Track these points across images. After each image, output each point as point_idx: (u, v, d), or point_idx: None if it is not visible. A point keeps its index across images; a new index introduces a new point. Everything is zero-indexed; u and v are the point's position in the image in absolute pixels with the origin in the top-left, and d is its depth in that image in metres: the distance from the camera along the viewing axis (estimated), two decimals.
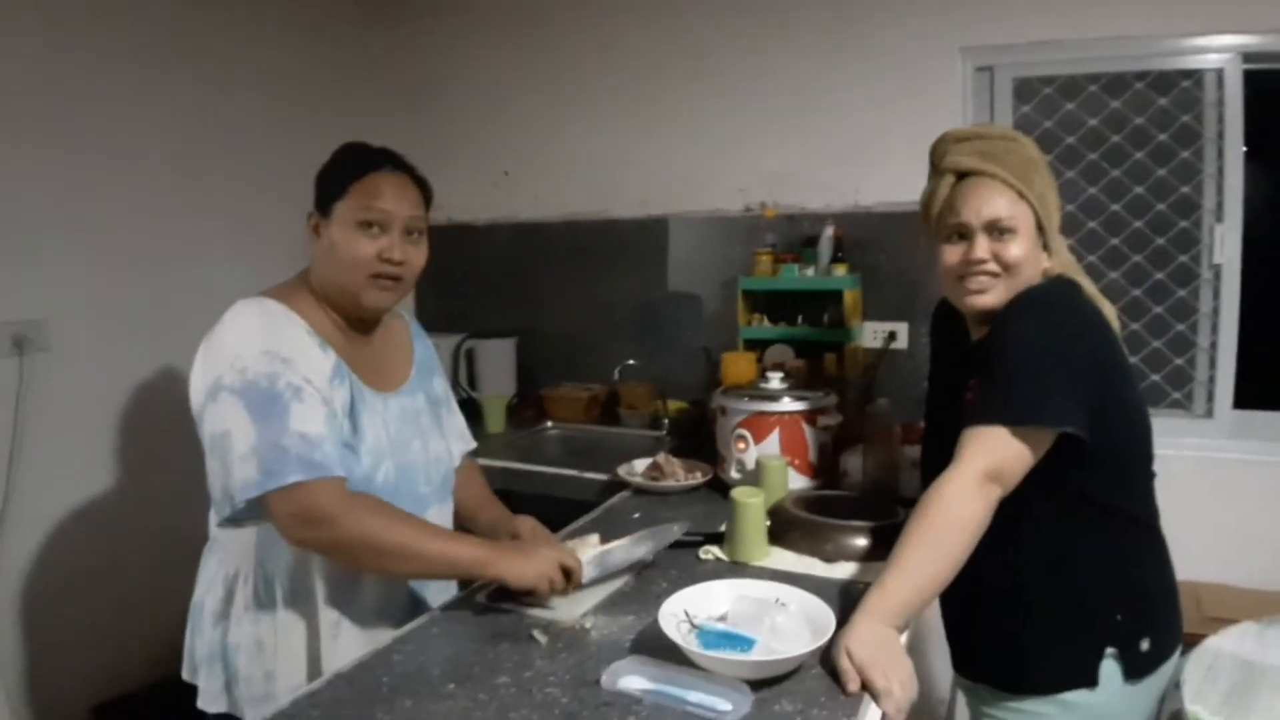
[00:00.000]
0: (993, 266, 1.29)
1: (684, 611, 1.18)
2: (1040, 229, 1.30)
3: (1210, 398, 2.32)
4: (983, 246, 1.29)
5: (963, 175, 1.33)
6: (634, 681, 1.06)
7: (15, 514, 2.04)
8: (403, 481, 1.35)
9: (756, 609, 1.16)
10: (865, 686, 1.04)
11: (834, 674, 1.08)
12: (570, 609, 1.29)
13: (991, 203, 1.28)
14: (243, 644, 1.29)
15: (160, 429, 2.26)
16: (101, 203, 2.20)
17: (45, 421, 2.08)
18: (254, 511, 1.21)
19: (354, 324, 1.36)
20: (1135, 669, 1.24)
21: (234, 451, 1.16)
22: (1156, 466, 1.33)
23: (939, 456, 1.25)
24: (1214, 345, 2.30)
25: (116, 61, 2.23)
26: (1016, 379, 1.18)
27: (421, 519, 1.27)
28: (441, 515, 1.46)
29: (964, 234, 1.31)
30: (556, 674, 1.11)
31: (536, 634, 1.22)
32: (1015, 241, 1.28)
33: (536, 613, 1.29)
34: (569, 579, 1.28)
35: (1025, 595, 1.28)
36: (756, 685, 1.03)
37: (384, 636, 1.27)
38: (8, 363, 2.01)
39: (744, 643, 1.11)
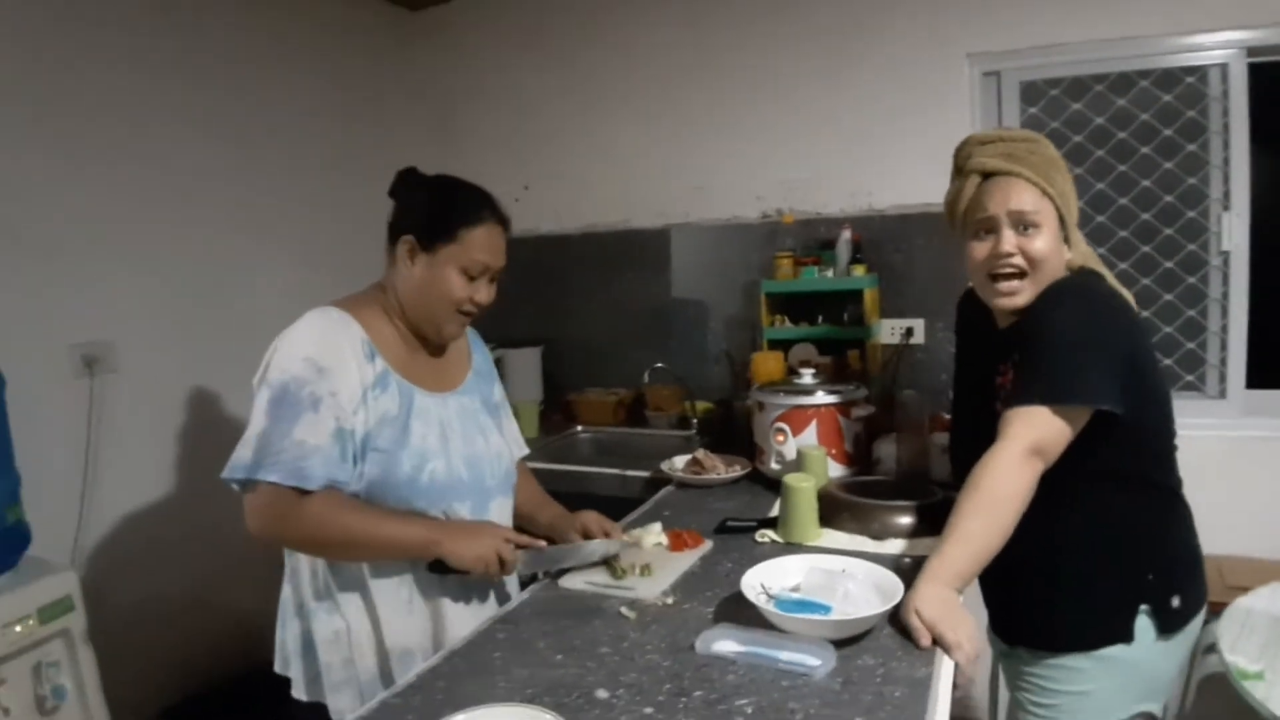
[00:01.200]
0: (1019, 260, 1.38)
1: (760, 584, 1.30)
2: (1062, 224, 1.40)
3: (1223, 379, 2.42)
4: (1009, 240, 1.38)
5: (988, 175, 1.43)
6: (726, 645, 1.17)
7: (90, 526, 2.14)
8: (471, 473, 1.46)
9: (827, 579, 1.28)
10: (936, 641, 1.16)
11: (904, 633, 1.19)
12: (650, 588, 1.40)
13: (1017, 198, 1.38)
14: (323, 633, 1.39)
15: (223, 443, 2.32)
16: (163, 225, 2.31)
17: (116, 439, 2.18)
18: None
19: (422, 339, 1.48)
20: (1167, 624, 1.35)
21: (247, 432, 1.30)
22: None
23: (971, 438, 1.37)
24: (1224, 328, 2.40)
25: (174, 89, 2.35)
26: (1055, 362, 1.30)
27: (375, 508, 1.34)
28: (504, 508, 1.56)
29: (991, 229, 1.41)
30: (652, 643, 1.22)
31: (625, 610, 1.33)
32: (1040, 235, 1.38)
33: (621, 593, 1.40)
34: (504, 567, 1.36)
35: (1063, 560, 1.39)
36: (837, 645, 1.14)
37: (457, 611, 1.42)
38: (80, 384, 2.11)
39: (820, 608, 1.22)
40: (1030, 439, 1.27)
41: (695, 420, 2.80)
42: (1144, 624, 1.35)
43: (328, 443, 1.30)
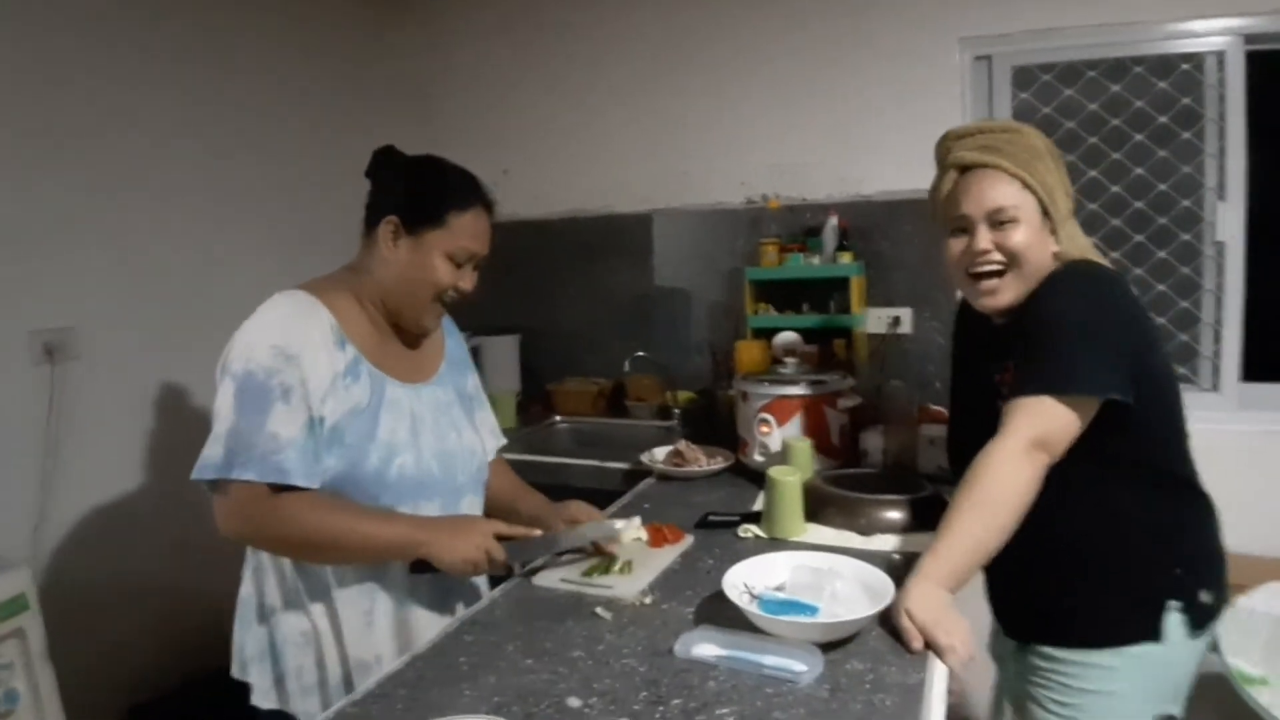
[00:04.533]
0: (996, 256, 1.34)
1: (744, 583, 1.23)
2: (1046, 215, 1.34)
3: (1216, 372, 2.38)
4: (984, 237, 1.34)
5: (966, 169, 1.38)
6: (707, 649, 1.10)
7: (50, 519, 2.05)
8: (442, 469, 1.39)
9: (814, 578, 1.22)
10: (928, 644, 1.10)
11: (895, 635, 1.13)
12: (628, 586, 1.33)
13: (992, 193, 1.33)
14: (291, 637, 1.32)
15: (191, 434, 2.22)
16: (128, 211, 2.21)
17: (77, 428, 2.09)
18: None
19: (394, 325, 1.40)
20: (1198, 620, 1.29)
21: (214, 428, 1.21)
22: None
23: (972, 437, 1.30)
24: (1219, 320, 2.36)
25: (142, 70, 2.24)
26: (1057, 350, 1.24)
27: (355, 505, 1.26)
28: (475, 506, 1.49)
29: (966, 228, 1.37)
30: (629, 646, 1.15)
31: (600, 610, 1.26)
32: (1017, 230, 1.33)
33: (597, 592, 1.33)
34: (492, 563, 1.29)
35: (1084, 555, 1.32)
36: (824, 648, 1.08)
37: (426, 618, 1.35)
38: (40, 371, 2.01)
39: (807, 609, 1.16)
40: (1032, 432, 1.21)
41: (677, 411, 2.73)
42: (1174, 620, 1.28)
43: (301, 435, 1.22)
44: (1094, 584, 1.33)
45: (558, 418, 2.93)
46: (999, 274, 1.35)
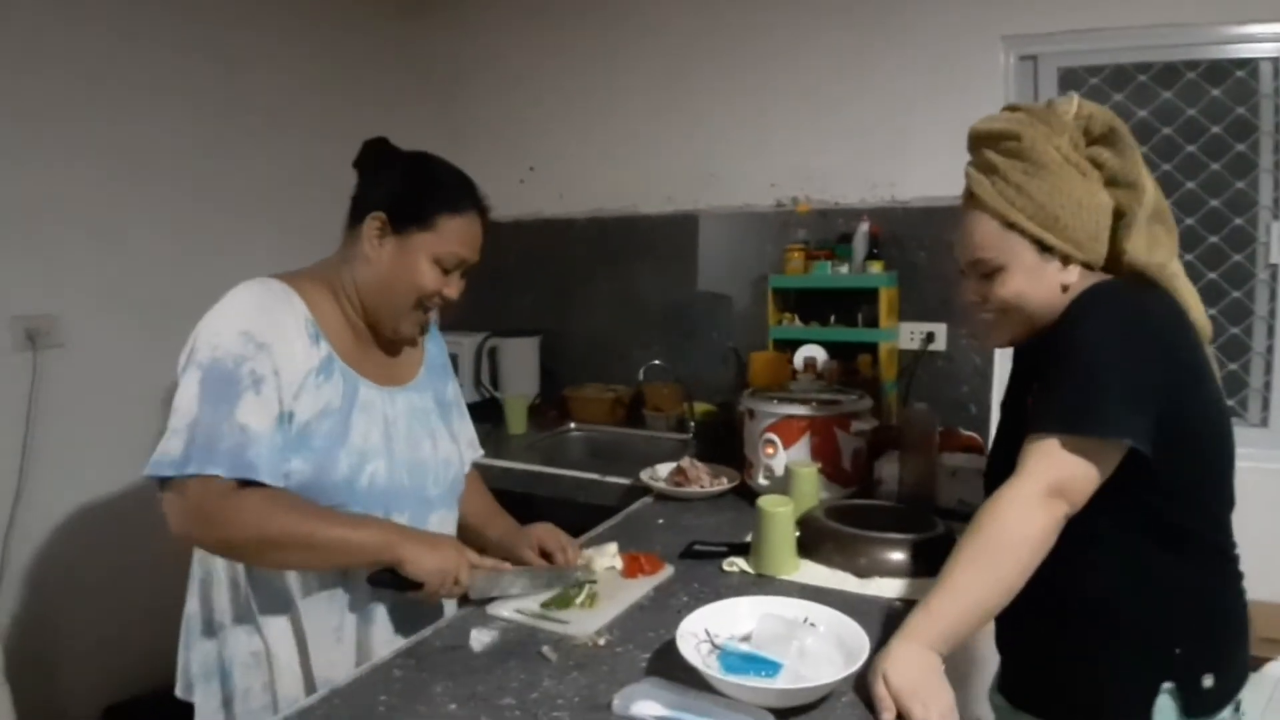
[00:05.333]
0: (987, 307, 1.23)
1: (705, 630, 1.10)
2: (1047, 249, 1.17)
3: (1266, 405, 2.20)
4: (970, 288, 1.25)
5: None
6: (647, 707, 0.97)
7: (27, 510, 2.01)
8: (412, 480, 1.29)
9: (784, 629, 1.08)
10: (901, 717, 0.95)
11: (868, 702, 0.99)
12: (585, 624, 1.21)
13: (971, 240, 1.21)
14: (239, 656, 1.23)
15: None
16: (115, 197, 2.16)
17: (58, 418, 2.05)
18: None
19: (371, 327, 1.31)
20: (1195, 707, 1.11)
21: (171, 421, 1.11)
22: None
23: (1003, 470, 1.15)
24: (1270, 349, 2.18)
25: (133, 52, 2.19)
26: (1073, 386, 1.08)
27: (319, 507, 1.16)
28: (446, 522, 1.39)
29: (963, 271, 1.27)
30: (565, 695, 1.03)
31: (546, 650, 1.14)
32: (1002, 280, 1.19)
33: (550, 627, 1.21)
34: (457, 587, 1.20)
35: (1079, 620, 1.17)
36: (781, 715, 0.95)
37: (387, 639, 1.25)
38: (21, 358, 1.98)
39: (769, 666, 1.02)
40: (1050, 477, 1.05)
41: (692, 423, 2.59)
42: (1165, 704, 1.11)
43: (271, 429, 1.12)
44: (1084, 653, 1.16)
45: (572, 425, 2.82)
46: (995, 318, 1.24)
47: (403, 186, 1.26)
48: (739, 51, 2.63)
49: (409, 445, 1.31)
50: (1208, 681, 1.11)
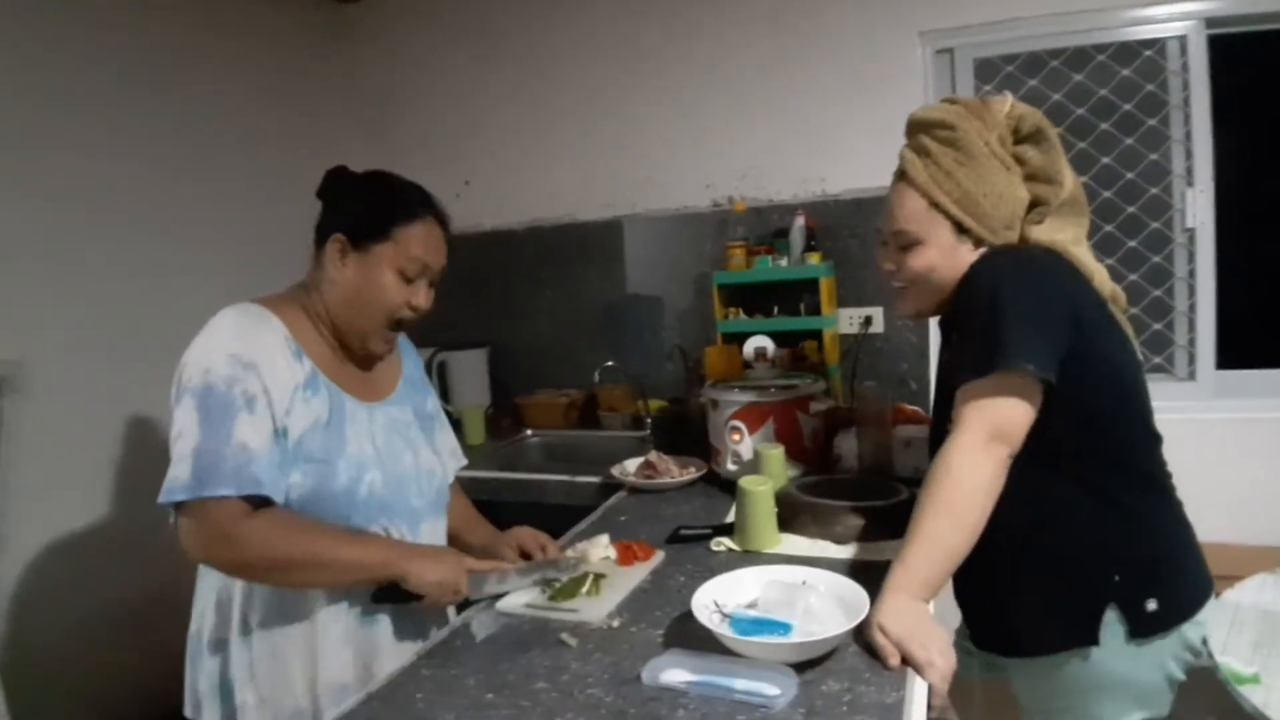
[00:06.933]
0: (900, 275, 1.36)
1: (714, 602, 1.18)
2: (964, 232, 1.30)
3: (1192, 360, 2.36)
4: (888, 257, 1.38)
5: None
6: (676, 675, 1.05)
7: (4, 555, 1.96)
8: (394, 494, 1.33)
9: (787, 594, 1.16)
10: (905, 660, 1.05)
11: (872, 651, 1.08)
12: (595, 611, 1.28)
13: (898, 212, 1.33)
14: (239, 673, 1.25)
15: (144, 466, 2.18)
16: (74, 237, 2.13)
17: (27, 466, 2.00)
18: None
19: (345, 346, 1.34)
20: (1141, 628, 1.21)
21: (175, 449, 1.14)
22: None
23: (943, 432, 1.25)
24: (1192, 308, 2.34)
25: (82, 90, 2.15)
26: (977, 331, 1.20)
27: (326, 525, 1.21)
28: (435, 531, 1.43)
29: (884, 240, 1.39)
30: (594, 674, 1.09)
31: (565, 637, 1.20)
32: (918, 253, 1.32)
33: (562, 617, 1.27)
34: (456, 593, 1.26)
35: (1020, 554, 1.27)
36: (799, 668, 1.03)
37: (390, 643, 1.30)
38: None
39: (780, 627, 1.10)
40: (985, 423, 1.16)
41: (649, 420, 2.67)
42: (1113, 626, 1.21)
43: (269, 445, 1.16)
44: (1027, 589, 1.28)
45: (529, 432, 2.87)
46: (905, 287, 1.37)
47: (359, 205, 1.30)
48: (668, 58, 2.72)
49: (391, 459, 1.35)
50: (1151, 605, 1.21)
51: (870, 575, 1.27)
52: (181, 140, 2.42)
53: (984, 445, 1.16)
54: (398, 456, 1.36)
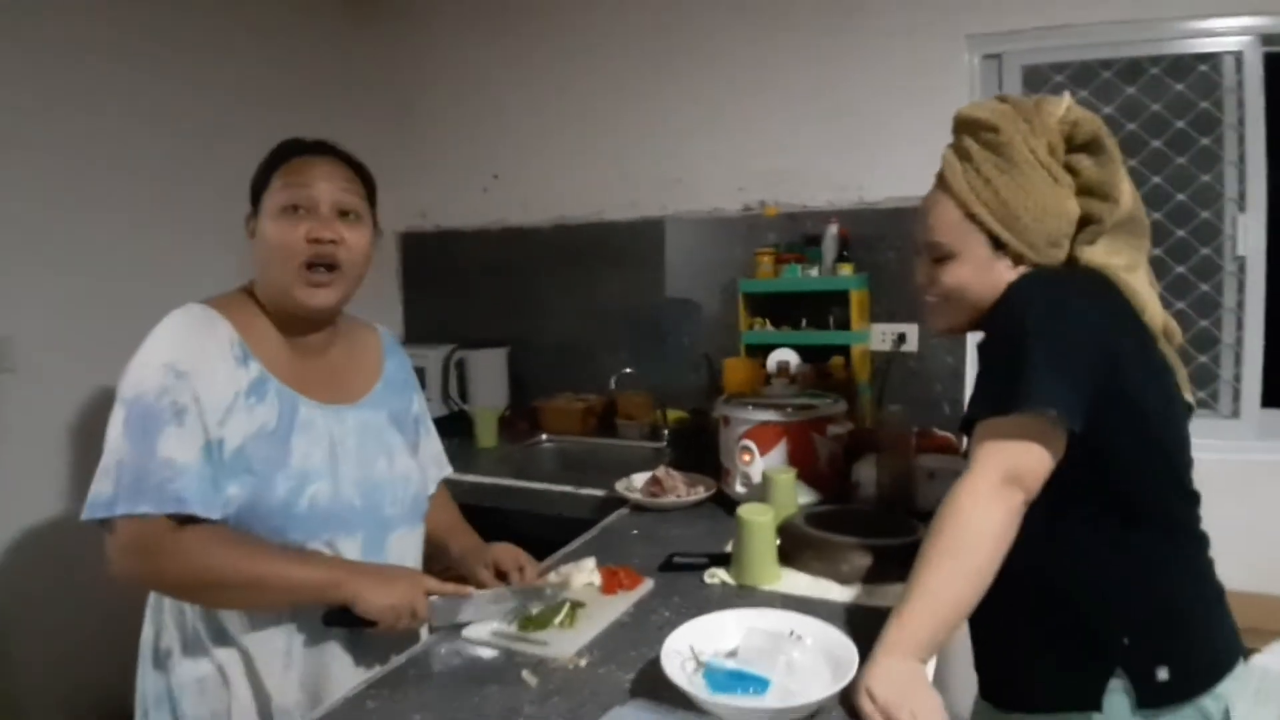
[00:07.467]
0: (932, 289, 1.25)
1: (689, 648, 1.07)
2: (1000, 246, 1.17)
3: (1236, 396, 2.22)
4: (922, 269, 1.27)
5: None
6: None
7: None
8: (366, 500, 1.25)
9: (770, 644, 1.05)
10: None
11: (857, 716, 0.96)
12: (564, 645, 1.18)
13: (930, 221, 1.23)
14: (187, 684, 1.18)
15: None
16: (67, 214, 2.09)
17: (10, 444, 1.97)
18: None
19: (299, 330, 1.26)
20: (1150, 698, 1.08)
21: (100, 462, 1.10)
22: None
23: None
24: (1239, 341, 2.20)
25: (84, 65, 2.11)
26: (1000, 366, 1.08)
27: (264, 544, 1.13)
28: (407, 540, 1.34)
29: (918, 250, 1.28)
30: None
31: (526, 674, 1.10)
32: (951, 267, 1.21)
33: (528, 649, 1.17)
34: (414, 620, 1.16)
35: (1028, 609, 1.16)
36: None
37: (343, 665, 1.21)
38: None
39: (757, 683, 0.99)
40: (999, 466, 1.04)
41: (666, 431, 2.56)
42: (1117, 696, 1.09)
43: (199, 460, 1.09)
44: (1036, 642, 1.16)
45: (544, 436, 2.78)
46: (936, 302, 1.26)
47: (254, 176, 1.25)
48: (703, 55, 2.61)
49: (360, 464, 1.26)
50: (1162, 674, 1.08)
51: (871, 622, 1.15)
52: (190, 121, 2.38)
53: (996, 489, 1.03)
54: (370, 461, 1.28)
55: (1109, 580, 1.11)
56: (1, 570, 1.99)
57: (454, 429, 2.65)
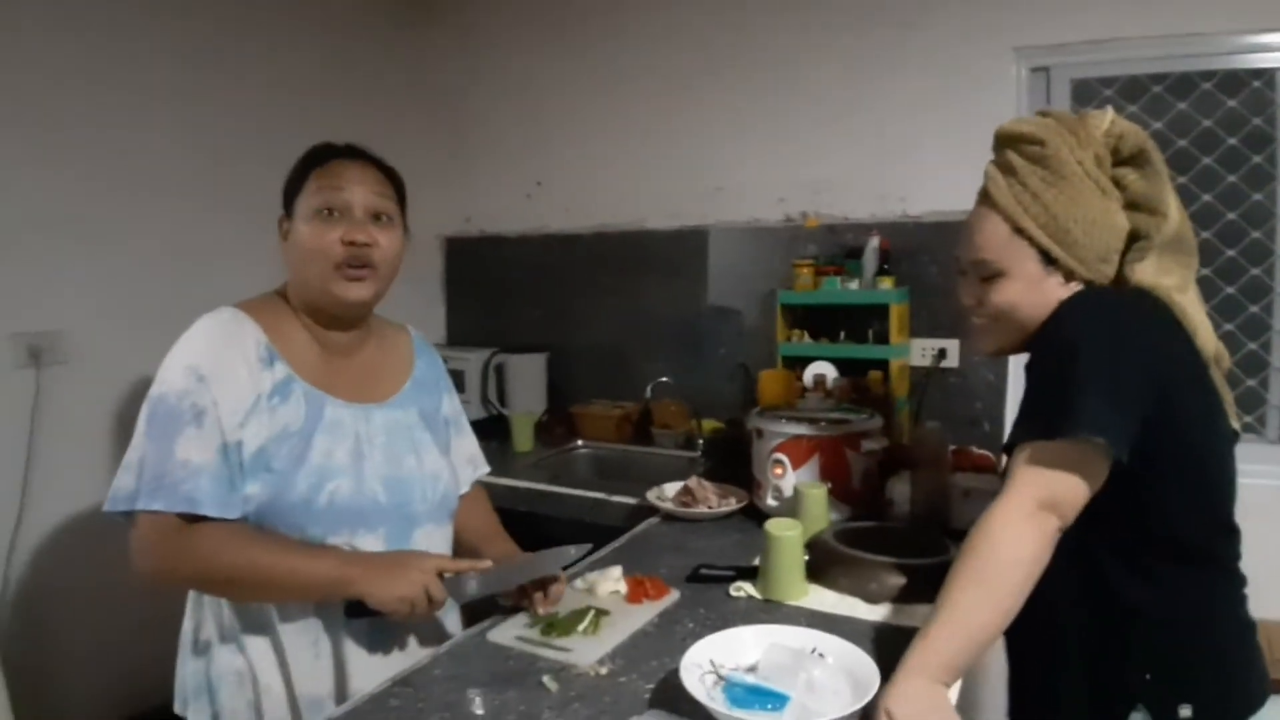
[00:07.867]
0: (981, 311, 1.21)
1: (710, 661, 1.06)
2: (1051, 262, 1.14)
3: None
4: (968, 289, 1.23)
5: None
6: None
7: (29, 528, 2.00)
8: (392, 497, 1.27)
9: (791, 660, 1.04)
10: None
11: None
12: (587, 652, 1.18)
13: (978, 239, 1.18)
14: (225, 675, 1.22)
15: None
16: (118, 211, 2.16)
17: (61, 435, 2.04)
18: None
19: (333, 328, 1.29)
20: None
21: (125, 456, 1.15)
22: None
23: None
24: None
25: (133, 67, 2.18)
26: (1055, 385, 1.04)
27: (281, 538, 1.16)
28: (435, 537, 1.35)
29: (963, 270, 1.24)
30: None
31: (547, 680, 1.11)
32: (1000, 286, 1.16)
33: (551, 655, 1.18)
34: (432, 604, 1.17)
35: (1053, 640, 1.14)
36: None
37: (368, 654, 1.24)
38: (24, 374, 1.97)
39: (776, 699, 0.98)
40: (1036, 492, 1.01)
41: (701, 441, 2.56)
42: None
43: (215, 461, 1.13)
44: (1053, 665, 1.14)
45: (579, 442, 2.79)
46: (985, 323, 1.22)
47: (287, 181, 1.29)
48: (746, 64, 2.61)
49: (388, 461, 1.28)
50: (1185, 712, 1.05)
51: (897, 643, 1.13)
52: (233, 121, 2.43)
53: (1032, 514, 1.01)
54: (399, 459, 1.30)
55: (1135, 611, 1.08)
56: (51, 559, 2.06)
57: (491, 432, 2.68)
